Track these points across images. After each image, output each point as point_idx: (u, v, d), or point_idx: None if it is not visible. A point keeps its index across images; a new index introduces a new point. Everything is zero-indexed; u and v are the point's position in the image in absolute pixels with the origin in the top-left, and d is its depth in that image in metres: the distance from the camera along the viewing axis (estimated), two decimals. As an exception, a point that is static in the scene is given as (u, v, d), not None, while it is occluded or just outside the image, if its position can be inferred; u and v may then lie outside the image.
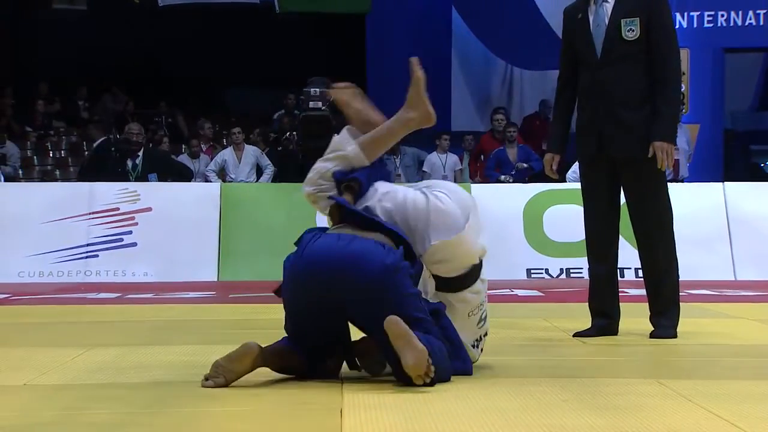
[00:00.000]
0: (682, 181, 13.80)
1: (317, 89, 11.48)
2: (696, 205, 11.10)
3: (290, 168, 12.38)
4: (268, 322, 7.18)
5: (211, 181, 14.12)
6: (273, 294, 4.59)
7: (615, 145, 6.03)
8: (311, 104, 11.39)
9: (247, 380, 4.46)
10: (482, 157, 15.49)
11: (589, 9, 6.14)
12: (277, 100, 14.43)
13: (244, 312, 7.96)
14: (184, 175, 13.44)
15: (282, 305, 4.56)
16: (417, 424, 3.60)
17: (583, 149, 6.16)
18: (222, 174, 14.62)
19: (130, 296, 9.48)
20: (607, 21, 6.07)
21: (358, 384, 4.36)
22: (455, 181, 15.31)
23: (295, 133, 11.86)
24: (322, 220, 11.85)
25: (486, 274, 4.76)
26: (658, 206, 6.09)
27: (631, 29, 6.01)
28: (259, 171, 14.57)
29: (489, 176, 14.39)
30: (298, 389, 4.29)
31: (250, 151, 14.70)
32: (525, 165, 14.41)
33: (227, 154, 14.76)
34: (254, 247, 11.29)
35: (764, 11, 16.53)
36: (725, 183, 12.10)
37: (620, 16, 6.04)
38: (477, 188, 12.02)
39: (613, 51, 6.03)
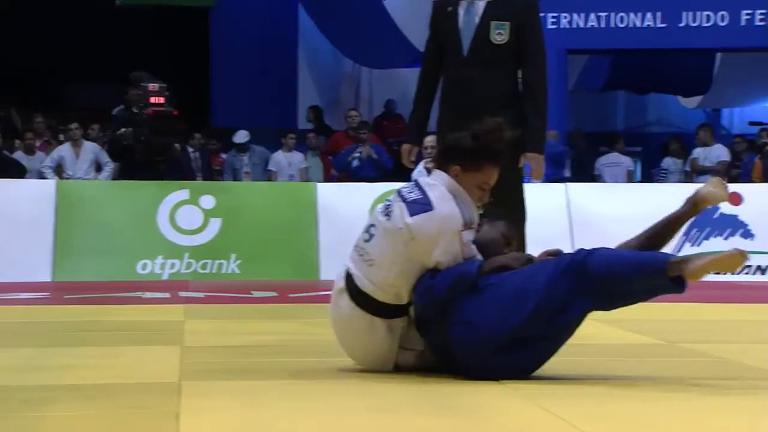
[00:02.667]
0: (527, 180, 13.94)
1: (156, 84, 11.26)
2: (540, 206, 11.19)
3: (128, 165, 12.08)
4: (107, 323, 7.02)
5: (47, 178, 13.77)
6: None
7: None
8: (153, 100, 11.16)
9: (84, 384, 4.37)
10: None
11: (459, 4, 6.08)
12: (117, 95, 14.13)
13: (80, 313, 7.73)
14: (17, 172, 13.07)
15: None
16: (255, 426, 3.56)
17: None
18: (59, 171, 14.26)
19: (-40, 297, 9.15)
20: (477, 21, 6.02)
21: (197, 389, 4.27)
22: (300, 180, 15.23)
23: (131, 129, 11.59)
24: (164, 221, 11.59)
25: None
26: (515, 206, 6.10)
27: (500, 33, 5.98)
28: (99, 168, 14.26)
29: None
30: (136, 393, 4.21)
31: (89, 148, 14.36)
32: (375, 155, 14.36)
33: (64, 150, 14.39)
34: (92, 246, 11.00)
35: (605, 13, 16.86)
36: (568, 184, 12.28)
37: (490, 18, 6.01)
38: (323, 187, 11.94)
39: (480, 52, 6.01)
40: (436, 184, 4.61)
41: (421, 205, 4.52)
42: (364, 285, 4.58)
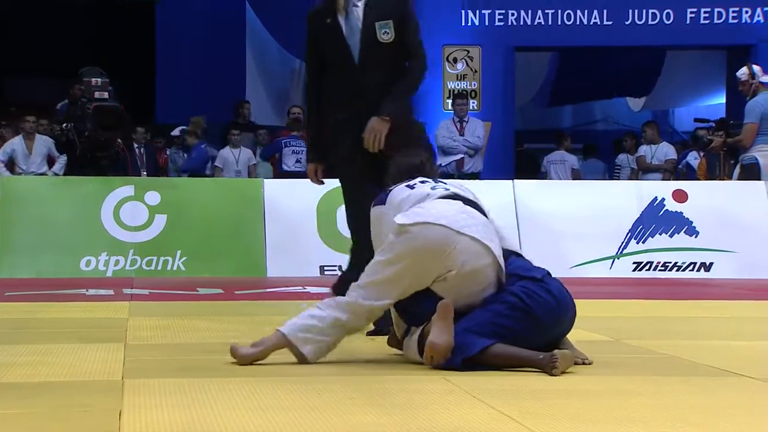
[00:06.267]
0: (478, 176, 13.99)
1: (98, 79, 11.16)
2: (487, 202, 11.17)
3: (72, 161, 11.95)
4: (49, 321, 6.94)
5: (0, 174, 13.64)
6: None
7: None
8: (97, 95, 11.06)
9: (23, 382, 4.30)
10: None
11: (338, 15, 6.14)
12: (62, 89, 14.00)
13: (21, 310, 7.64)
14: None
15: None
16: (198, 424, 3.52)
17: (340, 147, 6.14)
18: (11, 165, 14.06)
19: None
20: (360, 26, 6.10)
21: (140, 387, 4.22)
22: (249, 176, 15.16)
23: (72, 123, 11.47)
24: (108, 217, 11.44)
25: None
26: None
27: (386, 32, 6.07)
28: (52, 161, 14.09)
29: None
30: (77, 391, 4.15)
31: (42, 141, 14.17)
32: None
33: (16, 144, 14.19)
34: (35, 243, 10.86)
35: (552, 11, 16.96)
36: (515, 180, 12.31)
37: (374, 20, 6.09)
38: (269, 183, 11.88)
39: (371, 56, 6.08)
40: None
41: None
42: None
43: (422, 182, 5.10)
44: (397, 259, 4.75)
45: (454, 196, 5.00)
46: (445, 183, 5.19)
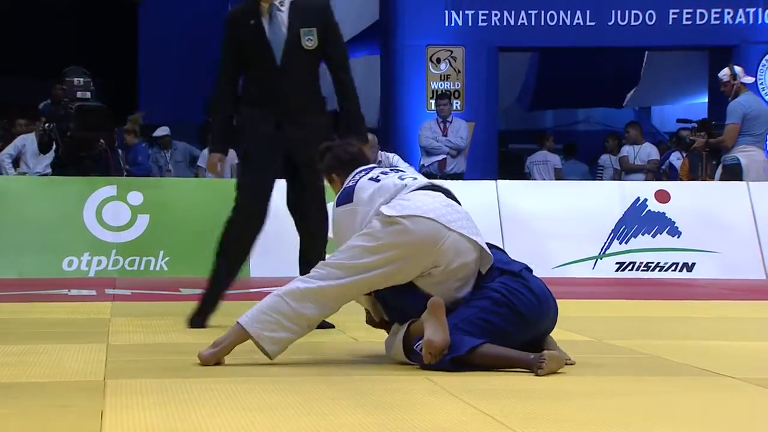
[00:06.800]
0: (462, 176, 13.98)
1: (80, 79, 11.13)
2: (471, 202, 11.16)
3: (54, 160, 11.90)
4: (30, 321, 6.92)
5: (5, 169, 13.48)
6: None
7: (301, 149, 6.27)
8: (79, 94, 11.04)
9: (3, 382, 4.29)
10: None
11: (262, 17, 6.33)
12: (43, 88, 13.90)
13: (3, 311, 7.57)
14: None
15: None
16: (180, 424, 3.51)
17: (261, 126, 6.34)
18: (17, 161, 13.88)
19: None
20: (285, 30, 6.31)
21: (122, 387, 4.21)
22: (232, 176, 15.11)
23: (55, 123, 11.42)
24: (90, 217, 11.37)
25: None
26: (319, 208, 6.65)
27: (310, 39, 6.31)
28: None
29: None
30: (58, 391, 4.14)
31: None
32: None
33: (29, 141, 13.97)
34: (17, 242, 10.81)
35: (535, 11, 16.98)
36: (498, 181, 12.32)
37: (299, 26, 6.31)
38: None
39: (293, 59, 6.31)
40: None
41: None
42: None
43: (383, 173, 5.02)
44: (384, 248, 4.69)
45: (431, 187, 4.97)
46: (404, 172, 5.12)
